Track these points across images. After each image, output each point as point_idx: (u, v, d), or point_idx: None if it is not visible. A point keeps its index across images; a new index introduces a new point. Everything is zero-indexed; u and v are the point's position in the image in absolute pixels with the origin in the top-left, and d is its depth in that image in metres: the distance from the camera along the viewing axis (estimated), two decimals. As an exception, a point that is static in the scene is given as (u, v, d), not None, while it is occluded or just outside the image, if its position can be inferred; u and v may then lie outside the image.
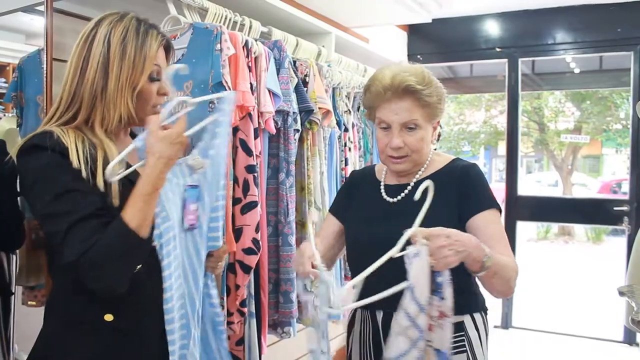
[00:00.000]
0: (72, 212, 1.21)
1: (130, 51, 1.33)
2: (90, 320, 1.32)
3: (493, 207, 1.53)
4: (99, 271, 1.22)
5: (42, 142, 1.25)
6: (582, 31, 4.38)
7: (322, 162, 2.34)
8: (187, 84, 1.82)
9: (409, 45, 4.83)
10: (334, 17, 3.36)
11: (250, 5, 2.28)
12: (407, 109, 1.52)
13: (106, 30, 1.33)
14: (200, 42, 1.83)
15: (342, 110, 2.60)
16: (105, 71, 1.32)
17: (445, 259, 1.25)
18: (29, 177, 1.27)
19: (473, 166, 1.60)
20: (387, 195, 1.62)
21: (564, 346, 4.43)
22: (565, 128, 12.69)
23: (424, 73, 1.55)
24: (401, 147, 1.54)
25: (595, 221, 5.23)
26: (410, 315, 1.25)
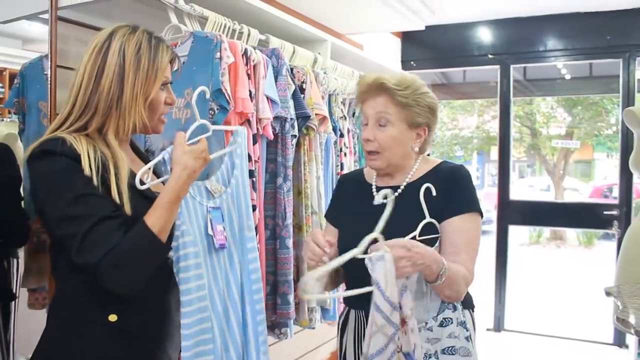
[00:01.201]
0: (89, 215, 1.25)
1: (144, 63, 1.39)
2: (95, 320, 1.36)
3: (471, 211, 1.59)
4: (122, 273, 1.27)
5: (54, 147, 1.28)
6: (573, 38, 4.46)
7: (319, 167, 2.39)
8: (187, 90, 1.87)
9: (403, 52, 4.89)
10: (329, 24, 3.42)
11: (248, 13, 2.33)
12: (382, 104, 1.63)
13: (120, 42, 1.38)
14: (200, 50, 1.87)
15: (338, 116, 2.65)
16: (120, 81, 1.36)
17: (403, 269, 1.36)
18: (42, 181, 1.30)
19: (459, 168, 1.67)
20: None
21: (555, 348, 4.48)
22: (557, 133, 12.79)
23: (406, 77, 1.64)
24: (371, 141, 1.63)
25: (586, 225, 5.28)
26: (385, 314, 1.34)
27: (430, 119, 1.66)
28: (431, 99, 1.66)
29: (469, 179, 1.64)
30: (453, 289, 1.52)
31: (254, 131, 1.98)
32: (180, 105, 1.88)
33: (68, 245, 1.26)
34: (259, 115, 2.00)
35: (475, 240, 1.59)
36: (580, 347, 4.49)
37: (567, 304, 6.44)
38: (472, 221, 1.58)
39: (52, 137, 1.32)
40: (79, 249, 1.24)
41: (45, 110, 2.15)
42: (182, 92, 1.87)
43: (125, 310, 1.37)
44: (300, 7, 3.09)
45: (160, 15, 2.02)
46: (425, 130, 1.67)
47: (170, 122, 1.86)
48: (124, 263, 1.26)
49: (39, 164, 1.30)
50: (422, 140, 1.68)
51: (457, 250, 1.54)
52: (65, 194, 1.26)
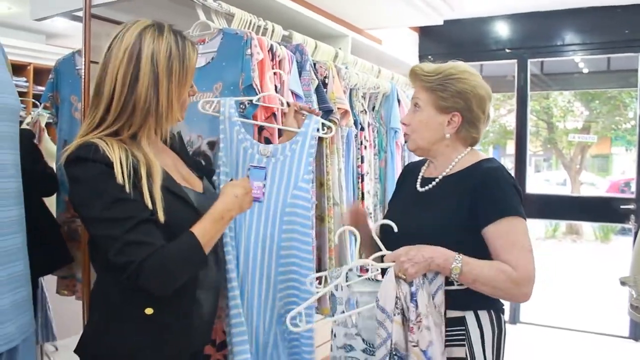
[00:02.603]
0: (128, 218, 1.31)
1: (176, 67, 1.43)
2: (131, 313, 1.41)
3: (504, 216, 1.54)
4: (164, 274, 1.34)
5: (87, 154, 1.33)
6: (591, 33, 4.45)
7: (340, 159, 2.44)
8: (216, 85, 1.93)
9: (420, 46, 4.92)
10: (349, 19, 3.46)
11: (272, 10, 2.38)
12: (416, 91, 1.75)
13: (152, 49, 1.40)
14: (230, 47, 1.93)
15: (359, 110, 2.70)
16: (155, 88, 1.40)
17: (407, 271, 1.47)
18: (78, 186, 1.35)
19: (495, 170, 1.63)
20: (420, 185, 1.77)
21: (570, 341, 4.49)
22: (574, 127, 12.69)
23: (445, 66, 1.71)
24: (405, 124, 1.77)
25: (603, 219, 5.28)
26: (378, 319, 1.49)
27: (459, 104, 1.66)
28: (465, 84, 1.66)
29: (503, 182, 1.59)
30: (489, 286, 1.50)
31: (279, 125, 2.04)
32: (209, 99, 1.93)
33: (104, 246, 1.32)
34: (284, 110, 2.06)
35: (517, 240, 1.53)
36: (595, 340, 4.50)
37: (583, 298, 6.44)
38: (509, 225, 1.54)
39: (85, 142, 1.36)
40: (120, 249, 1.29)
41: (76, 104, 2.23)
42: (211, 87, 1.94)
43: (160, 302, 1.41)
44: (321, 3, 3.14)
45: (188, 12, 2.07)
46: (458, 116, 1.68)
47: (199, 116, 1.93)
48: (169, 266, 1.33)
49: (74, 169, 1.35)
50: (455, 127, 1.68)
51: (498, 254, 1.53)
52: (100, 198, 1.31)
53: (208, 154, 1.96)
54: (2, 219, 1.39)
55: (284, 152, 1.87)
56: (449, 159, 1.72)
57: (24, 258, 1.48)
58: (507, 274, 1.49)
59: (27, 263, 1.49)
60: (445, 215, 1.56)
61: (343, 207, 2.40)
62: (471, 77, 1.68)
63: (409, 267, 1.47)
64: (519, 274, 1.49)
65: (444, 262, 1.48)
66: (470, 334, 1.59)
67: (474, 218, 1.57)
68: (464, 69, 1.69)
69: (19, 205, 1.47)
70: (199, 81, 1.92)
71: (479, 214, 1.56)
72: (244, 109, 1.87)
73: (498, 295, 1.57)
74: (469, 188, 1.60)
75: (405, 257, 1.48)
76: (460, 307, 1.54)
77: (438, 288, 1.50)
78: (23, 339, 1.45)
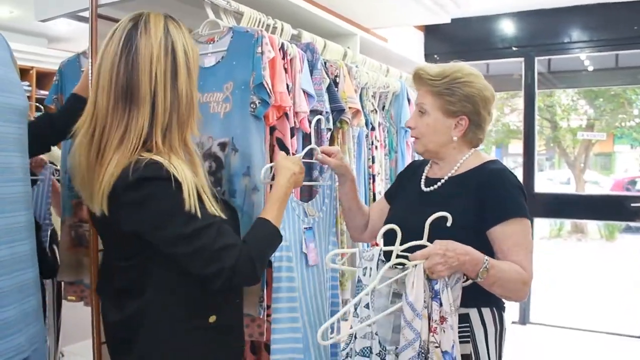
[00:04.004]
0: (209, 226, 1.29)
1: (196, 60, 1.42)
2: (197, 325, 1.39)
3: (511, 217, 1.57)
4: (253, 268, 1.35)
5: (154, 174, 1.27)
6: (598, 29, 4.41)
7: (352, 160, 2.41)
8: (227, 85, 1.88)
9: (426, 45, 4.87)
10: (356, 18, 3.42)
11: (281, 8, 2.34)
12: (421, 95, 1.74)
13: (181, 40, 1.36)
14: (240, 45, 1.89)
15: (369, 110, 2.67)
16: (190, 83, 1.37)
17: (439, 272, 1.42)
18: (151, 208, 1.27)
19: (500, 172, 1.66)
20: (425, 185, 1.78)
21: (580, 341, 4.46)
22: (578, 125, 12.66)
23: (449, 68, 1.70)
24: (412, 128, 1.76)
25: (612, 218, 5.25)
26: (406, 319, 1.42)
27: (467, 107, 1.68)
28: (472, 88, 1.67)
29: (508, 184, 1.62)
30: (504, 288, 1.53)
31: (292, 124, 2.00)
32: (219, 99, 1.90)
33: (191, 260, 1.29)
34: (295, 109, 2.02)
35: (523, 242, 1.57)
36: (606, 340, 4.47)
37: (592, 297, 6.40)
38: (515, 225, 1.57)
39: (150, 162, 1.27)
40: (210, 258, 1.28)
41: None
42: (221, 87, 1.90)
43: (222, 308, 1.43)
44: (328, 2, 3.09)
45: (195, 11, 2.04)
46: (465, 119, 1.69)
47: (208, 116, 1.90)
48: (256, 258, 1.35)
49: (141, 191, 1.26)
50: (462, 130, 1.70)
51: (505, 255, 1.56)
52: (178, 215, 1.27)
53: (219, 155, 1.91)
54: (11, 225, 1.34)
55: (321, 208, 2.02)
56: (454, 160, 1.74)
57: (34, 265, 1.43)
58: (521, 275, 1.53)
59: (36, 270, 1.44)
60: (451, 215, 1.54)
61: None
62: (477, 79, 1.70)
63: (443, 270, 1.42)
64: (527, 275, 1.54)
65: (474, 267, 1.46)
66: (475, 331, 1.61)
67: (480, 219, 1.59)
68: (469, 72, 1.71)
69: (28, 211, 1.42)
70: (209, 81, 1.91)
71: (486, 215, 1.59)
72: (254, 109, 1.82)
73: (507, 295, 1.59)
74: (474, 189, 1.63)
75: (442, 259, 1.42)
76: (464, 304, 1.52)
77: (456, 282, 1.47)
78: (33, 349, 1.41)
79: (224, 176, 1.90)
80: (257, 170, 1.82)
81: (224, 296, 1.44)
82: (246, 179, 1.86)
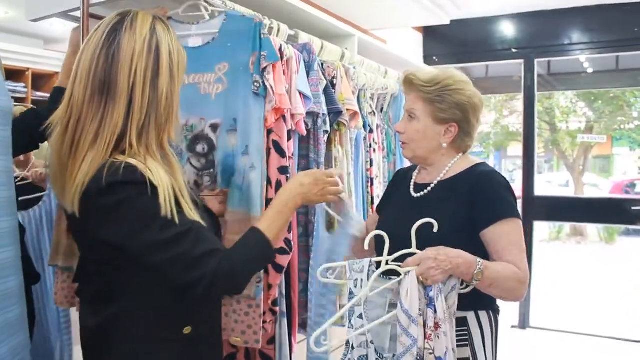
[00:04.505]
0: (187, 232, 1.24)
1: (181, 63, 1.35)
2: (170, 337, 1.34)
3: (506, 217, 1.58)
4: (235, 278, 1.29)
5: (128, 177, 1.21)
6: (599, 31, 4.39)
7: (349, 163, 2.37)
8: (219, 66, 1.88)
9: (425, 47, 4.85)
10: (354, 19, 3.39)
11: (277, 8, 2.31)
12: (411, 100, 1.72)
13: (167, 41, 1.31)
14: (236, 27, 1.88)
15: (367, 112, 2.63)
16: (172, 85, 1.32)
17: (433, 278, 1.40)
18: (124, 214, 1.21)
19: (488, 174, 1.67)
20: (414, 191, 1.77)
21: (581, 345, 4.44)
22: (577, 128, 12.66)
23: (441, 75, 1.70)
24: (401, 133, 1.74)
25: (613, 221, 5.24)
26: (403, 326, 1.39)
27: (457, 115, 1.67)
28: (462, 96, 1.67)
29: (497, 185, 1.63)
30: (501, 288, 1.52)
31: (289, 127, 1.96)
32: (211, 80, 1.88)
33: (167, 268, 1.23)
34: (292, 111, 1.97)
35: (517, 241, 1.58)
36: (606, 345, 4.45)
37: (591, 301, 6.37)
38: (507, 226, 1.58)
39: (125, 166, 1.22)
40: (189, 265, 1.22)
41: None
42: (212, 68, 1.88)
43: (198, 319, 1.38)
44: (326, 3, 3.07)
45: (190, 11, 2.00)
46: (455, 126, 1.69)
47: (199, 97, 1.89)
48: (239, 267, 1.29)
49: (113, 196, 1.21)
50: (451, 137, 1.70)
51: (500, 256, 1.55)
52: (154, 221, 1.21)
53: (211, 137, 1.89)
54: None
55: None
56: (443, 165, 1.74)
57: (17, 273, 1.38)
58: (516, 274, 1.53)
59: (20, 278, 1.39)
60: (442, 219, 1.53)
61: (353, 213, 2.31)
62: (467, 86, 1.70)
63: (436, 274, 1.41)
64: (523, 274, 1.54)
65: (468, 269, 1.46)
66: (472, 334, 1.61)
67: (472, 221, 1.59)
68: (460, 79, 1.71)
69: (12, 217, 1.37)
70: (196, 62, 1.87)
71: (477, 217, 1.59)
72: (258, 87, 1.83)
73: (504, 296, 1.58)
74: (464, 192, 1.63)
75: (434, 263, 1.41)
76: (461, 307, 1.51)
77: (452, 288, 1.47)
78: (16, 361, 1.36)
79: (216, 158, 1.88)
80: (255, 148, 1.82)
81: (201, 307, 1.39)
82: (245, 158, 1.84)
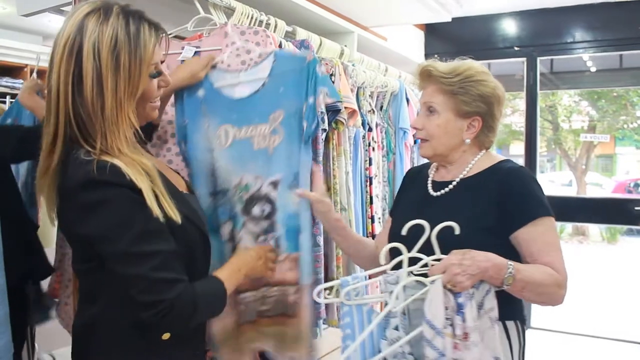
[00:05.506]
0: (156, 253, 1.20)
1: (124, 59, 1.21)
2: (149, 342, 1.30)
3: (538, 217, 1.48)
4: (192, 313, 1.26)
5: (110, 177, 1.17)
6: (602, 29, 4.34)
7: (348, 162, 2.32)
8: (274, 115, 1.74)
9: (426, 44, 4.80)
10: (354, 16, 3.35)
11: (274, 4, 2.27)
12: (429, 93, 1.61)
13: (93, 40, 1.19)
14: (287, 69, 1.76)
15: (366, 110, 2.58)
16: (100, 88, 1.19)
17: (461, 284, 1.30)
18: (101, 216, 1.18)
19: (518, 170, 1.57)
20: (433, 189, 1.66)
21: (582, 347, 4.41)
22: (579, 127, 12.60)
23: (462, 65, 1.59)
24: (419, 129, 1.63)
25: (616, 221, 5.19)
26: (427, 338, 1.30)
27: (482, 108, 1.57)
28: (486, 87, 1.57)
29: (528, 182, 1.53)
30: (536, 293, 1.43)
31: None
32: (265, 132, 1.75)
33: (128, 283, 1.20)
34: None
35: (553, 241, 1.49)
36: (607, 346, 4.42)
37: (594, 301, 6.33)
38: (542, 225, 1.48)
39: (101, 163, 1.19)
40: (148, 287, 1.19)
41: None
42: (265, 118, 1.75)
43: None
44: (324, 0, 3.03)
45: (185, 7, 1.97)
46: (478, 120, 1.59)
47: (251, 153, 1.76)
48: (198, 305, 1.26)
49: (92, 195, 1.17)
50: (475, 132, 1.60)
51: (535, 258, 1.46)
52: (128, 230, 1.17)
53: (272, 197, 1.75)
54: None
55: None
56: (464, 162, 1.63)
57: None
58: (553, 277, 1.43)
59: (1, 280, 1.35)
60: (468, 219, 1.44)
61: (351, 212, 2.28)
62: (489, 78, 1.60)
63: (464, 280, 1.30)
64: (561, 276, 1.44)
65: (497, 273, 1.35)
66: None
67: (501, 221, 1.49)
68: (481, 69, 1.60)
69: None
70: (246, 113, 1.76)
71: (510, 217, 1.49)
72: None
73: (540, 301, 1.48)
74: (492, 190, 1.53)
75: (460, 269, 1.30)
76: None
77: (487, 292, 1.36)
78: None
79: (278, 219, 1.75)
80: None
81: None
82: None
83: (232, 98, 1.77)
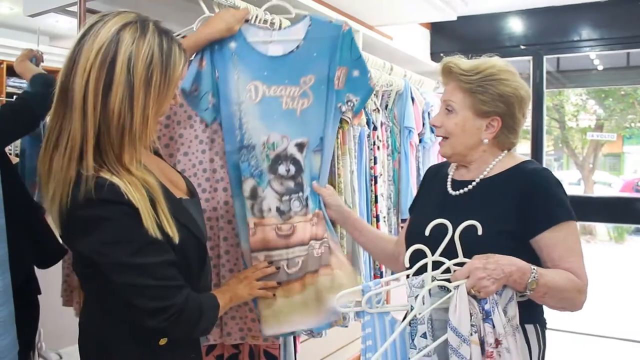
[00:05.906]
0: (160, 263, 1.21)
1: (156, 77, 1.20)
2: (146, 348, 1.31)
3: (560, 222, 1.45)
4: (199, 317, 1.30)
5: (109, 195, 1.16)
6: (609, 27, 4.31)
7: (352, 160, 2.32)
8: (305, 79, 1.76)
9: (432, 43, 4.79)
10: (360, 15, 3.35)
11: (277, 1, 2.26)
12: (449, 90, 1.59)
13: (130, 51, 1.17)
14: (321, 35, 1.77)
15: (371, 109, 2.58)
16: (130, 102, 1.18)
17: (486, 289, 1.28)
18: (102, 230, 1.18)
19: (540, 172, 1.53)
20: (452, 189, 1.63)
21: (589, 346, 4.40)
22: (586, 126, 12.55)
23: (483, 63, 1.55)
24: (437, 127, 1.61)
25: (625, 220, 5.15)
26: (452, 346, 1.28)
27: (501, 108, 1.53)
28: (506, 87, 1.52)
29: (551, 184, 1.49)
30: (557, 298, 1.40)
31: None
32: (295, 94, 1.76)
33: (132, 292, 1.21)
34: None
35: (575, 247, 1.45)
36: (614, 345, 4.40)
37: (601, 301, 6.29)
38: (564, 230, 1.45)
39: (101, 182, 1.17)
40: (156, 293, 1.20)
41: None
42: (297, 80, 1.77)
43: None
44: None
45: (190, 7, 1.97)
46: (497, 121, 1.54)
47: (280, 112, 1.77)
48: (204, 310, 1.32)
49: (93, 211, 1.17)
50: (494, 132, 1.56)
51: (556, 264, 1.43)
52: (129, 243, 1.18)
53: (297, 157, 1.78)
54: None
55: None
56: (485, 162, 1.60)
57: (3, 273, 1.35)
58: (574, 283, 1.40)
59: (6, 279, 1.36)
60: (488, 221, 1.41)
61: (356, 211, 2.27)
62: (512, 77, 1.54)
63: (488, 285, 1.28)
64: (582, 282, 1.42)
65: (521, 278, 1.33)
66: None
67: (522, 224, 1.46)
68: (504, 68, 1.55)
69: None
70: (277, 72, 1.77)
71: (531, 220, 1.45)
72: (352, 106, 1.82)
73: (560, 306, 1.45)
74: (515, 192, 1.49)
75: (484, 273, 1.28)
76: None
77: (510, 299, 1.35)
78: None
79: (304, 180, 1.77)
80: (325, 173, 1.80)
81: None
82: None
83: (265, 54, 1.77)
